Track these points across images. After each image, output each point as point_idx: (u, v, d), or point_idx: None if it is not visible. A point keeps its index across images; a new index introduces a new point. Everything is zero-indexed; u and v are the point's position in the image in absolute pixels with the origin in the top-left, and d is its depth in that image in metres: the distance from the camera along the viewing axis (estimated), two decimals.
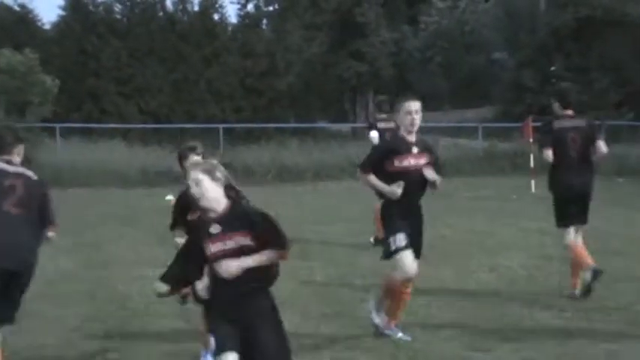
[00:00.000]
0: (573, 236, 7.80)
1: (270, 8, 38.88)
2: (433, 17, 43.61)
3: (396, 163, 6.22)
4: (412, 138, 6.29)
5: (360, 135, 31.22)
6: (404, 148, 6.25)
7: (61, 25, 35.04)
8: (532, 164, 18.36)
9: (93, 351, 6.11)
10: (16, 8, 35.62)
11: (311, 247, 10.97)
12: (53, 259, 9.82)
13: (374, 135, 12.75)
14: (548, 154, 7.69)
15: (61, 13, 35.23)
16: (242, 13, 37.49)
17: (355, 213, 14.85)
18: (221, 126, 26.25)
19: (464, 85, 42.94)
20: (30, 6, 36.02)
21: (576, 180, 7.68)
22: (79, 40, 33.48)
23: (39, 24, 36.39)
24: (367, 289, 8.21)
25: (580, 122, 7.82)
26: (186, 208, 5.37)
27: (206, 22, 35.60)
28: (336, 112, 39.89)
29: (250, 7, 37.67)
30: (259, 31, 37.70)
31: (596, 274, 7.52)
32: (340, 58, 35.76)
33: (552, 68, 32.72)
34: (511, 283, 8.53)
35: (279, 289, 8.04)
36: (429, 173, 6.25)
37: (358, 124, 35.03)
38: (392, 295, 6.40)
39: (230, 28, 37.30)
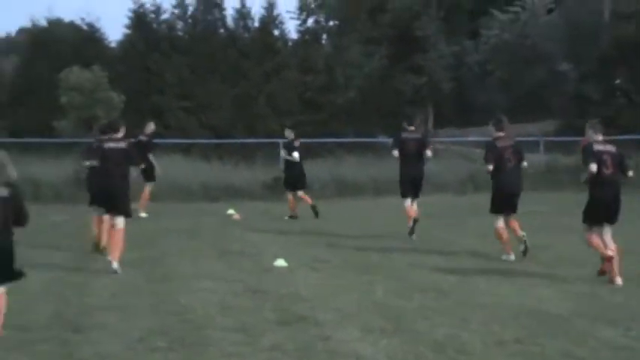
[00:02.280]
0: None
1: (331, 23, 39.04)
2: (494, 31, 43.23)
3: None
4: None
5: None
6: None
7: (126, 43, 35.83)
8: None
9: None
10: (85, 27, 36.57)
11: (372, 261, 10.99)
12: (118, 272, 10.05)
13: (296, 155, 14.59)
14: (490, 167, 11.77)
15: (126, 31, 36.06)
16: (302, 28, 37.76)
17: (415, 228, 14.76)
18: (280, 141, 26.44)
19: (525, 98, 42.41)
20: (97, 25, 36.85)
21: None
22: (143, 58, 34.15)
23: (106, 42, 37.24)
24: (427, 305, 8.20)
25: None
26: None
27: (266, 37, 35.95)
28: (395, 127, 39.70)
29: (310, 22, 37.90)
30: (319, 46, 37.89)
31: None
32: (398, 73, 35.68)
33: (617, 81, 32.13)
34: (573, 299, 8.40)
35: (340, 303, 8.14)
36: None
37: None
38: None
39: (290, 44, 37.58)
